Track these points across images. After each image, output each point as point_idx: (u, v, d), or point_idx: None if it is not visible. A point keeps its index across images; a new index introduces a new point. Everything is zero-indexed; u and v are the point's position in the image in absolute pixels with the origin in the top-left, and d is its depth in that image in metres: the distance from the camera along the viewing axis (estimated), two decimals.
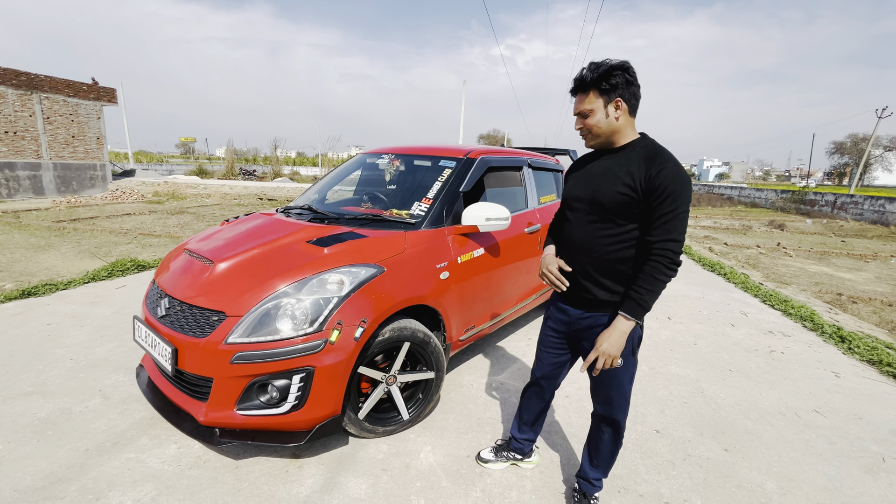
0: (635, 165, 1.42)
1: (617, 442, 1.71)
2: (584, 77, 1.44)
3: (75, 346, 3.04)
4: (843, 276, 6.67)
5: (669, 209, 1.36)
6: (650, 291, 1.39)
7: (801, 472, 2.07)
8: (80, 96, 15.04)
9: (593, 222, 1.50)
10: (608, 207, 1.45)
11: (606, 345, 1.44)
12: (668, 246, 1.37)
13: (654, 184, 1.37)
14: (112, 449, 2.02)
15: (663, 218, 1.37)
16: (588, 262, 1.53)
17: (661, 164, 1.38)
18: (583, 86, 1.46)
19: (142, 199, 14.06)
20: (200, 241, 2.43)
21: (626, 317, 1.42)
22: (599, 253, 1.50)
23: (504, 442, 2.06)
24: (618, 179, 1.44)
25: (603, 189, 1.47)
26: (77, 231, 7.69)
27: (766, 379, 3.00)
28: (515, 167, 3.27)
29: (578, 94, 1.49)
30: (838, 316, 4.56)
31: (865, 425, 2.49)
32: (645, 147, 1.46)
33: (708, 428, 2.39)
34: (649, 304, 1.41)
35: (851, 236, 11.70)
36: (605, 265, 1.50)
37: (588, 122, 1.47)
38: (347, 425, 2.05)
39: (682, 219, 1.37)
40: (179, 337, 1.90)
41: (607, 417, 1.66)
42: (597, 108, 1.45)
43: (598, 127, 1.47)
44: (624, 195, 1.42)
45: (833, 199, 18.32)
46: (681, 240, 1.38)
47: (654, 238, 1.39)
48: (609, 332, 1.44)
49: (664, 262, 1.38)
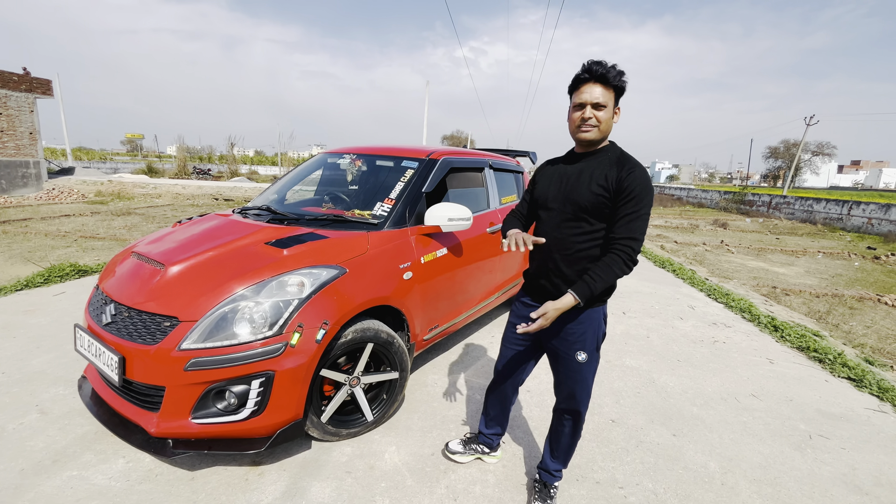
0: (608, 168, 1.50)
1: (576, 433, 1.78)
2: (607, 72, 1.45)
3: (7, 358, 2.80)
4: (778, 271, 7.25)
5: (633, 209, 1.45)
6: (602, 280, 1.46)
7: (739, 451, 2.25)
8: (10, 87, 13.79)
9: (567, 221, 1.56)
10: (583, 206, 1.52)
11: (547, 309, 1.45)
12: (629, 244, 1.45)
13: (623, 185, 1.45)
14: (52, 467, 1.89)
15: (627, 217, 1.45)
16: (560, 260, 1.58)
17: (631, 168, 1.47)
18: (605, 79, 1.46)
19: (82, 200, 13.08)
20: (150, 243, 2.31)
21: (573, 295, 1.46)
22: (571, 250, 1.56)
23: (473, 435, 2.11)
24: (593, 180, 1.51)
25: (579, 189, 1.53)
26: (7, 234, 7.06)
27: (710, 367, 3.23)
28: (477, 168, 3.32)
29: (598, 84, 1.47)
30: (773, 307, 4.95)
31: (795, 406, 2.74)
32: (616, 153, 1.55)
33: (658, 415, 2.54)
34: (597, 290, 1.46)
35: (784, 234, 12.71)
36: (575, 262, 1.56)
37: (601, 114, 1.48)
38: (310, 429, 2.02)
39: (643, 220, 1.46)
40: (127, 345, 1.80)
41: (570, 410, 1.73)
42: (609, 104, 1.49)
43: (606, 122, 1.50)
44: (599, 195, 1.49)
45: (769, 200, 19.81)
46: (640, 239, 1.46)
47: (617, 235, 1.47)
48: (554, 303, 1.46)
49: (623, 257, 1.45)
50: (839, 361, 3.36)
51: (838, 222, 15.26)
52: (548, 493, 1.81)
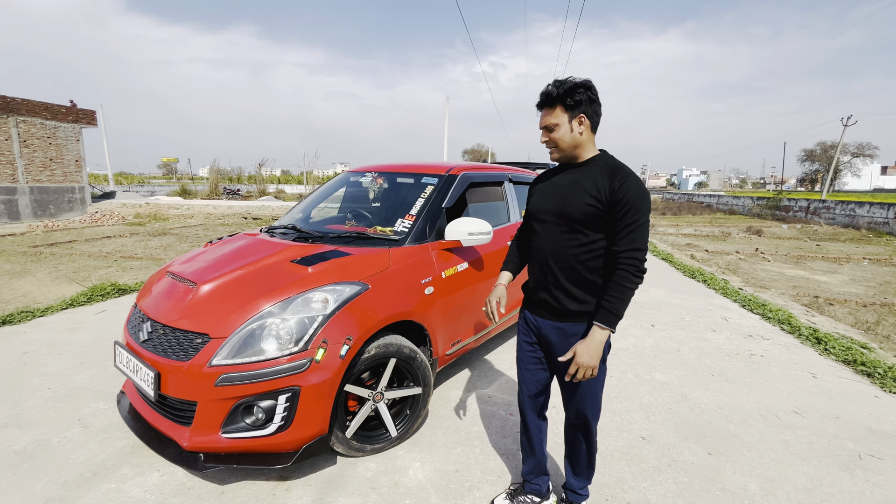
0: (599, 178, 1.49)
1: (592, 446, 1.72)
2: (551, 92, 1.50)
3: (53, 374, 2.96)
4: (819, 279, 6.89)
5: (632, 220, 1.43)
6: (620, 300, 1.44)
7: (781, 472, 2.12)
8: (59, 119, 14.84)
9: (563, 233, 1.55)
10: (577, 218, 1.51)
11: (585, 357, 1.46)
12: (634, 255, 1.43)
13: (618, 196, 1.44)
14: (92, 480, 1.97)
15: (627, 228, 1.43)
16: (560, 273, 1.57)
17: (623, 178, 1.46)
18: (549, 101, 1.52)
19: (122, 222, 13.81)
20: (183, 263, 2.42)
21: (600, 326, 1.46)
22: (569, 263, 1.54)
23: (518, 486, 1.91)
24: (584, 191, 1.50)
25: (571, 201, 1.52)
26: (54, 256, 7.51)
27: (747, 382, 3.08)
28: (497, 182, 3.34)
29: (545, 108, 1.55)
30: (815, 318, 4.70)
31: (842, 424, 2.57)
32: (606, 162, 1.54)
33: (692, 433, 2.44)
34: (621, 312, 1.45)
35: (825, 240, 12.10)
36: (574, 275, 1.54)
37: (553, 135, 1.53)
38: (335, 445, 2.03)
39: (644, 229, 1.44)
40: (162, 361, 1.88)
41: (581, 425, 1.68)
42: (562, 122, 1.51)
43: (563, 140, 1.53)
44: (591, 206, 1.48)
45: (806, 205, 18.95)
46: (644, 248, 1.44)
47: (620, 248, 1.45)
48: (586, 344, 1.47)
49: (631, 270, 1.43)
50: (890, 376, 3.14)
51: (884, 227, 14.39)
52: None
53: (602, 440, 2.36)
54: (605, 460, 2.20)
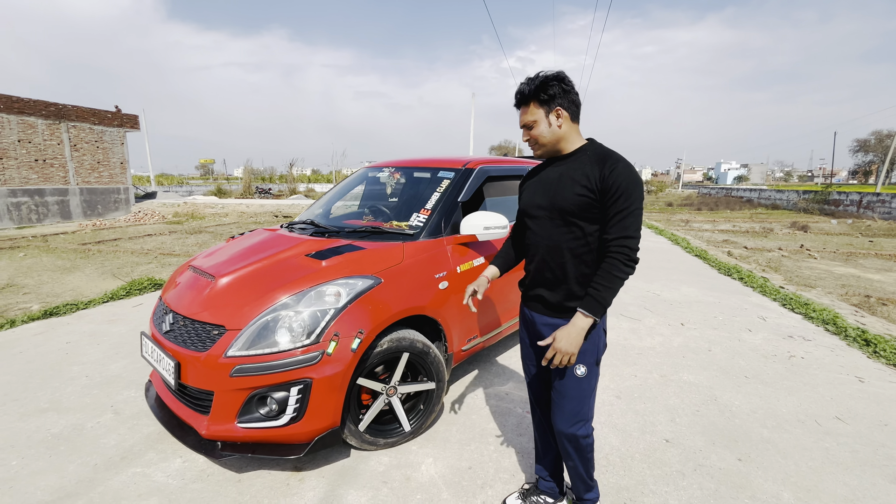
0: (588, 167, 1.44)
1: (585, 461, 1.61)
2: (523, 90, 1.49)
3: (91, 363, 3.13)
4: (872, 278, 6.40)
5: (623, 206, 1.38)
6: (608, 288, 1.39)
7: (819, 481, 1.97)
8: (105, 124, 15.74)
9: (557, 227, 1.51)
10: (569, 210, 1.46)
11: (564, 342, 1.41)
12: (625, 243, 1.38)
13: (608, 183, 1.39)
14: (120, 463, 2.07)
15: (618, 216, 1.38)
16: (556, 268, 1.52)
17: (613, 164, 1.40)
18: (523, 99, 1.50)
19: (163, 220, 14.51)
20: (205, 257, 2.49)
21: (584, 314, 1.40)
22: (565, 257, 1.50)
23: (532, 485, 1.87)
24: (574, 182, 1.46)
25: (562, 193, 1.48)
26: (101, 253, 7.97)
27: (785, 385, 2.89)
28: (516, 176, 3.26)
29: (521, 107, 1.52)
30: (865, 319, 4.36)
31: (891, 432, 2.37)
32: (595, 150, 1.49)
33: (721, 437, 2.31)
34: (607, 301, 1.40)
35: (880, 236, 11.25)
36: (570, 270, 1.50)
37: (533, 132, 1.51)
38: (348, 437, 2.04)
39: (636, 216, 1.39)
40: (182, 351, 1.94)
41: (570, 434, 1.56)
42: (539, 118, 1.48)
43: (542, 136, 1.50)
44: (583, 196, 1.43)
45: (859, 199, 17.70)
46: (636, 236, 1.39)
47: (611, 236, 1.40)
48: (567, 329, 1.42)
49: (621, 258, 1.38)
50: None
51: None
52: None
53: (622, 441, 2.27)
54: (625, 462, 2.11)
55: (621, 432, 2.35)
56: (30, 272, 6.26)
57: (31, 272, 6.26)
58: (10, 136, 13.06)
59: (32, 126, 13.59)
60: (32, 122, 13.58)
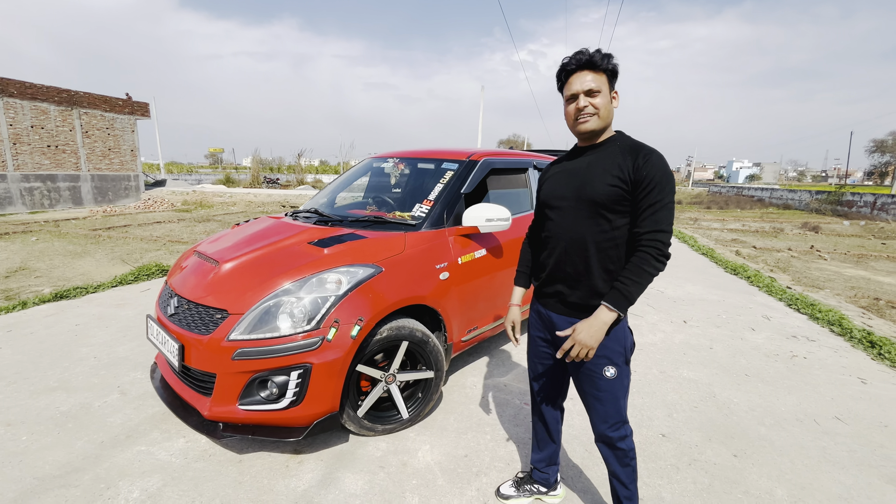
0: (620, 157, 1.37)
1: (623, 458, 1.52)
2: (594, 55, 1.36)
3: (99, 345, 3.20)
4: (883, 280, 6.31)
5: (656, 199, 1.31)
6: (636, 283, 1.32)
7: (815, 479, 1.98)
8: (116, 111, 15.89)
9: (584, 219, 1.41)
10: (599, 202, 1.37)
11: (585, 334, 1.34)
12: (658, 237, 1.31)
13: (642, 174, 1.32)
14: (125, 441, 2.12)
15: (651, 209, 1.32)
16: (579, 262, 1.43)
17: (647, 155, 1.34)
18: (592, 64, 1.36)
19: (172, 208, 14.67)
20: (210, 243, 2.53)
21: (608, 307, 1.33)
22: (590, 252, 1.41)
23: (526, 474, 1.87)
24: (606, 172, 1.37)
25: (591, 183, 1.39)
26: (111, 239, 8.10)
27: (785, 384, 2.88)
28: (521, 169, 3.26)
29: (586, 69, 1.37)
30: (872, 321, 4.31)
31: (891, 433, 2.36)
32: (625, 141, 1.42)
33: (717, 433, 2.31)
34: (634, 296, 1.33)
35: (893, 238, 11.06)
36: (595, 265, 1.41)
37: (596, 101, 1.37)
38: (347, 423, 2.08)
39: (668, 209, 1.32)
40: (186, 334, 1.99)
41: (606, 437, 1.51)
42: (604, 90, 1.38)
43: (604, 108, 1.38)
44: (615, 187, 1.35)
45: (873, 200, 17.39)
46: (669, 231, 1.32)
47: (643, 230, 1.33)
48: (589, 322, 1.35)
49: (654, 253, 1.31)
50: None
51: None
52: None
53: None
54: None
55: None
56: (42, 256, 6.38)
57: (42, 256, 6.38)
58: (23, 121, 13.24)
59: (45, 112, 13.76)
60: (45, 108, 13.75)
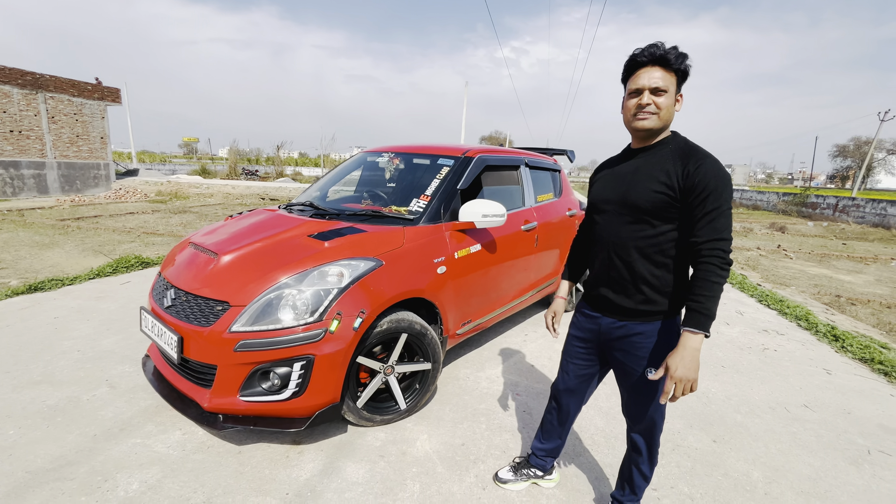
0: (670, 163, 1.33)
1: (651, 461, 1.59)
2: (668, 53, 1.30)
3: (82, 338, 3.12)
4: (843, 279, 6.71)
5: (713, 206, 1.26)
6: (710, 297, 1.25)
7: (786, 462, 2.13)
8: (85, 96, 15.19)
9: (626, 224, 1.40)
10: (643, 208, 1.35)
11: (682, 370, 1.24)
12: (719, 245, 1.26)
13: (694, 181, 1.27)
14: (119, 434, 2.09)
15: (708, 216, 1.26)
16: (623, 267, 1.42)
17: (699, 160, 1.29)
18: (664, 61, 1.30)
19: (145, 199, 14.17)
20: (205, 234, 2.50)
21: (692, 331, 1.25)
22: (633, 257, 1.39)
23: (523, 459, 1.93)
24: (652, 178, 1.34)
25: (636, 188, 1.37)
26: (81, 229, 7.79)
27: (758, 375, 3.06)
28: (513, 166, 3.33)
29: (656, 66, 1.31)
30: (835, 317, 4.60)
31: (853, 420, 2.55)
32: (678, 144, 1.37)
33: (698, 420, 2.45)
34: (713, 311, 1.25)
35: (853, 239, 11.72)
36: (639, 270, 1.39)
37: (661, 100, 1.31)
38: (346, 413, 2.11)
39: (727, 216, 1.27)
40: (185, 326, 1.97)
41: (639, 435, 1.56)
42: (671, 90, 1.32)
43: (667, 109, 1.32)
44: (660, 193, 1.32)
45: (835, 202, 18.32)
46: (729, 238, 1.27)
47: (702, 239, 1.27)
48: (680, 354, 1.26)
49: (717, 262, 1.25)
50: None
51: None
52: None
53: (607, 423, 2.39)
54: (609, 441, 2.24)
55: (606, 415, 2.48)
56: (6, 247, 6.10)
57: (7, 247, 6.10)
58: None
59: (7, 95, 13.04)
60: (7, 91, 13.03)
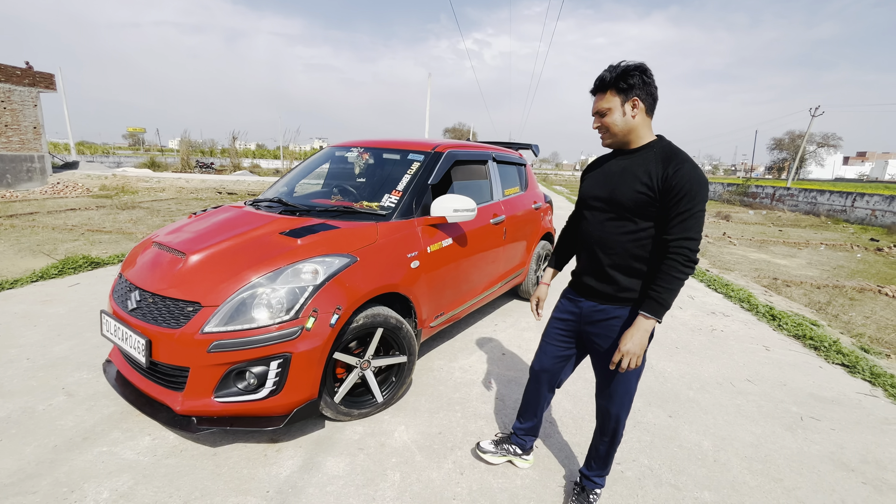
0: (653, 165, 1.45)
1: (615, 439, 1.72)
2: (604, 77, 1.48)
3: (30, 345, 2.92)
4: (779, 263, 7.32)
5: (686, 208, 1.39)
6: (669, 290, 1.41)
7: (732, 431, 2.35)
8: (13, 81, 13.85)
9: (611, 220, 1.54)
10: (626, 206, 1.48)
11: (630, 344, 1.44)
12: (685, 244, 1.40)
13: (671, 183, 1.39)
14: (82, 444, 2.01)
15: (680, 217, 1.40)
16: (606, 259, 1.56)
17: (678, 164, 1.41)
18: (602, 85, 1.49)
19: (87, 194, 13.19)
20: (169, 234, 2.41)
21: (646, 316, 1.43)
22: (616, 250, 1.53)
23: (505, 435, 2.05)
24: (636, 178, 1.46)
25: (621, 188, 1.49)
26: (15, 228, 7.19)
27: (707, 354, 3.33)
28: (481, 161, 3.40)
29: (598, 93, 1.52)
30: (772, 298, 5.04)
31: (788, 391, 2.84)
32: (662, 148, 1.49)
33: (656, 398, 2.65)
34: (669, 302, 1.42)
35: (788, 226, 12.75)
36: (621, 262, 1.53)
37: (606, 120, 1.50)
38: (324, 409, 2.13)
39: (697, 218, 1.40)
40: (153, 329, 1.91)
41: (609, 415, 1.68)
42: (614, 106, 1.48)
43: (614, 125, 1.49)
44: (642, 194, 1.44)
45: (772, 192, 19.78)
46: (697, 238, 1.41)
47: (672, 237, 1.41)
48: (632, 332, 1.45)
49: (681, 259, 1.40)
50: (834, 349, 3.45)
51: (842, 214, 15.26)
52: (585, 498, 1.77)
53: (574, 405, 2.54)
54: (576, 422, 2.38)
55: (573, 397, 2.62)
56: None
57: None
58: None
59: None
60: None
